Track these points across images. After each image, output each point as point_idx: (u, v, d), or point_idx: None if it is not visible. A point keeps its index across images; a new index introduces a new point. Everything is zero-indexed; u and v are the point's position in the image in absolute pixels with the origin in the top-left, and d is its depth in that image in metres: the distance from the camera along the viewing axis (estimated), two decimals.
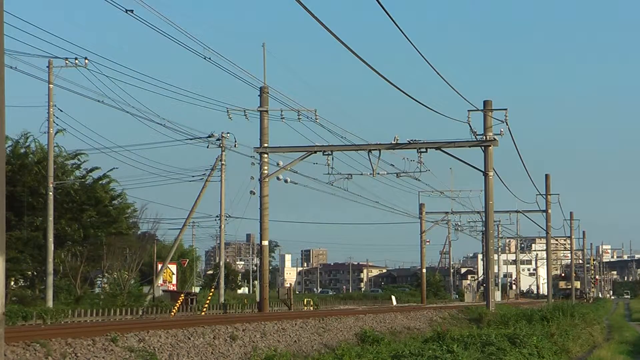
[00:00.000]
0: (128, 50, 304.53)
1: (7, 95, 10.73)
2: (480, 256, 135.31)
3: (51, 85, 47.48)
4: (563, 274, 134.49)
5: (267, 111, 44.84)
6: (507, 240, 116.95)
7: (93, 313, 43.35)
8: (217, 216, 65.48)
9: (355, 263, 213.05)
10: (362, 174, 48.48)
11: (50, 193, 48.02)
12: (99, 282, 65.93)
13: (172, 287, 70.51)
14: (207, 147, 56.27)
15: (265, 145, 44.86)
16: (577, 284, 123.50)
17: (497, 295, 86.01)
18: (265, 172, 44.98)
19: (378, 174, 46.84)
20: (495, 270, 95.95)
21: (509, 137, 46.72)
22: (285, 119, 45.21)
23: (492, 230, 47.65)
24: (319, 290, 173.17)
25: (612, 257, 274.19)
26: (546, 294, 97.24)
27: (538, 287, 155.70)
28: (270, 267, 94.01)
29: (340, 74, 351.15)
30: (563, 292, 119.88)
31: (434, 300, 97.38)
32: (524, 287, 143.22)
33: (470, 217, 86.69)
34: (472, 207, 78.22)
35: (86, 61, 45.07)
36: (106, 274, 61.20)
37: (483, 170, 45.63)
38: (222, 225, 63.91)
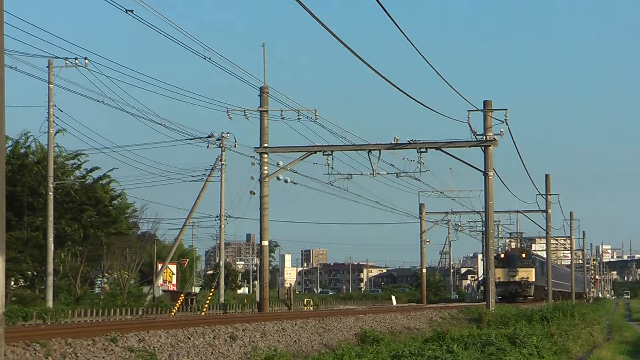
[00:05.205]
0: (128, 50, 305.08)
1: (7, 95, 10.73)
2: (480, 256, 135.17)
3: (51, 85, 47.48)
4: (502, 255, 78.99)
5: (267, 111, 44.82)
6: (507, 240, 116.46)
7: (93, 313, 43.34)
8: (217, 216, 65.57)
9: (355, 263, 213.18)
10: (362, 174, 48.48)
11: (50, 193, 48.01)
12: (99, 282, 65.94)
13: (172, 287, 70.55)
14: (207, 147, 56.38)
15: (265, 145, 44.84)
16: (531, 273, 77.59)
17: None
18: (265, 172, 44.97)
19: (378, 174, 46.83)
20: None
21: (509, 137, 46.74)
22: (285, 119, 45.24)
23: (492, 230, 47.64)
24: (319, 290, 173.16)
25: (612, 257, 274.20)
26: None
27: None
28: (270, 267, 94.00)
29: (340, 74, 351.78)
30: (504, 288, 74.48)
31: (435, 300, 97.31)
32: None
33: (470, 217, 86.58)
34: (472, 207, 78.07)
35: (86, 61, 45.11)
36: (106, 274, 61.23)
37: (483, 170, 45.62)
38: (222, 225, 63.93)
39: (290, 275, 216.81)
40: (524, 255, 79.35)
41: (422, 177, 49.46)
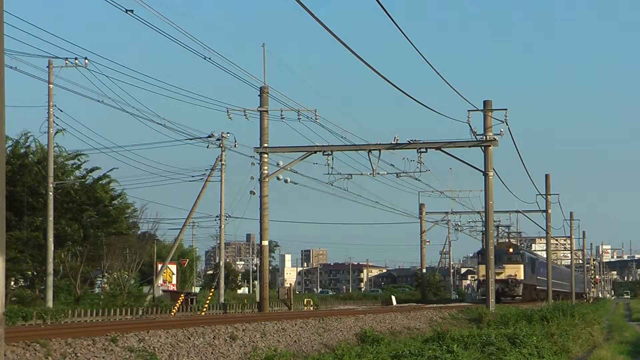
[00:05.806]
0: (128, 50, 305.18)
1: (7, 95, 10.73)
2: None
3: (51, 85, 47.48)
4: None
5: (267, 111, 44.84)
6: (507, 240, 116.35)
7: (93, 313, 43.32)
8: (217, 216, 65.56)
9: (355, 263, 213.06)
10: (362, 174, 48.56)
11: (50, 193, 48.00)
12: (99, 282, 65.90)
13: (172, 287, 70.50)
14: (207, 147, 56.40)
15: (265, 145, 44.86)
16: (519, 270, 69.17)
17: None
18: (265, 172, 44.98)
19: (378, 174, 46.88)
20: None
21: (509, 137, 46.85)
22: (285, 119, 45.28)
23: (492, 230, 47.65)
24: (319, 290, 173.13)
25: (612, 257, 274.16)
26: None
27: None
28: (270, 267, 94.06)
29: (340, 74, 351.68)
30: (482, 286, 61.55)
31: (434, 301, 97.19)
32: None
33: (470, 217, 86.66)
34: (472, 207, 78.12)
35: (86, 61, 45.13)
36: (106, 274, 61.17)
37: (483, 170, 45.65)
38: (222, 225, 63.91)
39: (290, 275, 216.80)
40: (511, 250, 70.72)
41: (422, 177, 49.59)
